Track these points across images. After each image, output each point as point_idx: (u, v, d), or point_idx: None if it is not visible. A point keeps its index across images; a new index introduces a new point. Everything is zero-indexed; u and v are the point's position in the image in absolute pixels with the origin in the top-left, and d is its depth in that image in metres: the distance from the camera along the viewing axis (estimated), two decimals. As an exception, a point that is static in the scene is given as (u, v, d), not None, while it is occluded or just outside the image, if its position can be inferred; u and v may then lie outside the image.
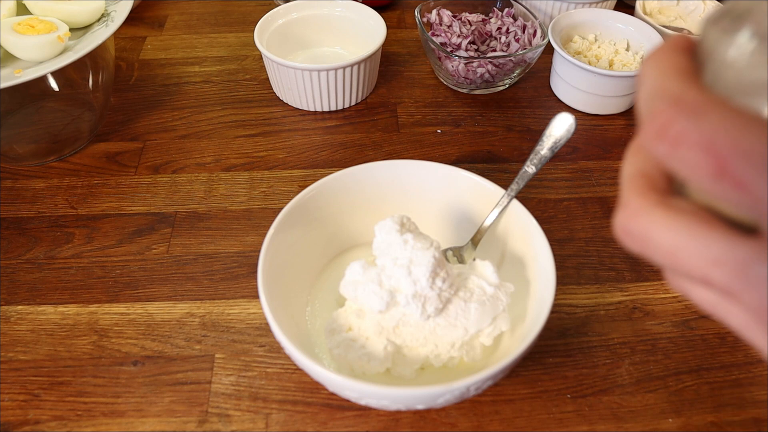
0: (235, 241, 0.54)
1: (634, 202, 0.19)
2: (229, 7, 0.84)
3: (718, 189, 0.16)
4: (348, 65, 0.63)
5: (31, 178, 0.60)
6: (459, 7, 0.74)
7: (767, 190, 0.15)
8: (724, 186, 0.16)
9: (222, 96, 0.70)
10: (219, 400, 0.44)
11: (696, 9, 0.78)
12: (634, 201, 0.19)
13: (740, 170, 0.15)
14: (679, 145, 0.17)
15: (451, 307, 0.40)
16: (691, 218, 0.17)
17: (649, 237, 0.18)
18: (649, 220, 0.18)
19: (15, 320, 0.48)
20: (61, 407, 0.43)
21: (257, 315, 0.49)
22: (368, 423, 0.42)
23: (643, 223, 0.18)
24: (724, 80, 0.18)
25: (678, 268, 0.18)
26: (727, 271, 0.17)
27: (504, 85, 0.70)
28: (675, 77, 0.18)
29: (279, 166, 0.61)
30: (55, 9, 0.55)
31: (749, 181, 0.15)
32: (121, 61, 0.75)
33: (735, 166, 0.15)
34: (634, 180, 0.20)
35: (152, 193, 0.59)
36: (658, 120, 0.17)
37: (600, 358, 0.46)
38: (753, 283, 0.16)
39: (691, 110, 0.17)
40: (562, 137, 0.47)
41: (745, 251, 0.16)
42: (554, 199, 0.58)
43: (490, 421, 0.43)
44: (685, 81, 0.18)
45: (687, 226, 0.17)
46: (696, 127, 0.16)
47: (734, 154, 0.15)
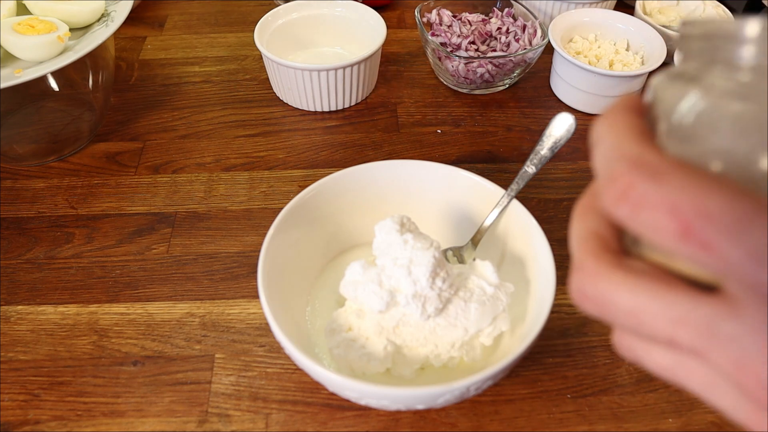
0: (235, 241, 0.54)
1: (590, 264, 0.19)
2: (229, 7, 0.84)
3: (683, 250, 0.16)
4: (348, 65, 0.63)
5: (31, 178, 0.60)
6: (459, 7, 0.74)
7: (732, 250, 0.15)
8: (689, 247, 0.16)
9: (222, 96, 0.70)
10: (219, 400, 0.44)
11: (696, 9, 0.78)
12: (590, 263, 0.19)
13: (705, 232, 0.15)
14: (641, 208, 0.17)
15: (451, 307, 0.40)
16: (651, 279, 0.17)
17: (609, 299, 0.18)
18: (608, 283, 0.18)
19: (15, 320, 0.48)
20: (61, 407, 0.43)
21: (257, 315, 0.49)
22: (368, 423, 0.42)
23: (602, 286, 0.18)
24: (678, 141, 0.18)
25: (640, 329, 0.17)
26: (693, 330, 0.16)
27: (504, 85, 0.70)
28: (632, 139, 0.18)
29: (279, 166, 0.61)
30: (55, 9, 0.55)
31: (714, 243, 0.15)
32: (121, 61, 0.75)
33: (699, 228, 0.16)
34: (587, 241, 0.19)
35: (152, 193, 0.59)
36: (619, 183, 0.17)
37: (600, 358, 0.46)
38: (721, 341, 0.16)
39: (652, 172, 0.17)
40: (562, 137, 0.47)
41: (710, 309, 0.16)
42: (554, 199, 0.58)
43: (490, 421, 0.43)
44: (643, 143, 0.18)
45: (648, 287, 0.17)
46: (658, 190, 0.16)
47: (698, 215, 0.16)
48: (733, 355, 0.16)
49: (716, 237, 0.15)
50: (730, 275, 0.16)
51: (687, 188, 0.16)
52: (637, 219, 0.17)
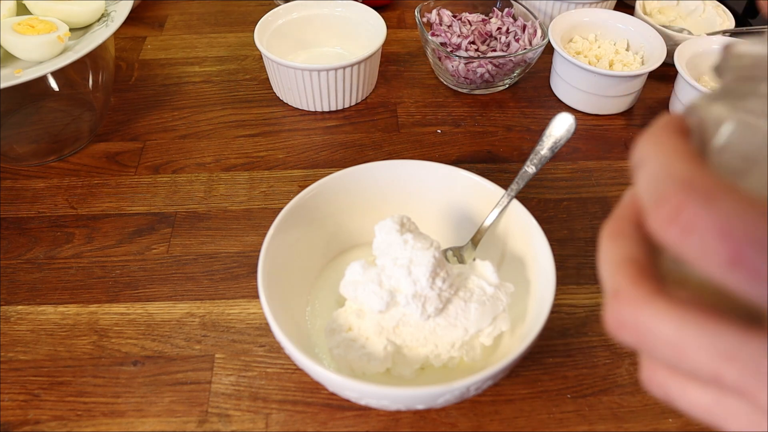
0: (235, 241, 0.54)
1: (629, 291, 0.18)
2: (229, 7, 0.84)
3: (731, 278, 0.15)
4: (348, 65, 0.63)
5: (31, 178, 0.60)
6: (459, 7, 0.74)
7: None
8: (739, 275, 0.15)
9: (222, 96, 0.70)
10: (219, 400, 0.44)
11: (696, 9, 0.78)
12: (629, 290, 0.18)
13: (756, 259, 0.15)
14: (691, 231, 0.16)
15: (451, 307, 0.40)
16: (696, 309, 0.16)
17: (649, 329, 0.17)
18: (649, 311, 0.17)
19: (15, 320, 0.48)
20: (61, 407, 0.43)
21: (257, 315, 0.49)
22: (368, 423, 0.42)
23: (642, 315, 0.17)
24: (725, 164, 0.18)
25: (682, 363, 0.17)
26: (742, 367, 0.16)
27: (504, 85, 0.70)
28: (682, 159, 0.17)
29: (279, 166, 0.61)
30: (55, 9, 0.55)
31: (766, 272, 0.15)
32: (121, 61, 0.75)
33: (751, 255, 0.15)
34: (623, 267, 0.18)
35: (152, 193, 0.59)
36: (669, 204, 0.16)
37: (600, 358, 0.46)
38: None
39: (703, 195, 0.16)
40: (562, 137, 0.47)
41: (761, 346, 0.15)
42: (554, 199, 0.58)
43: (490, 421, 0.43)
44: (693, 164, 0.17)
45: (693, 318, 0.16)
46: (709, 213, 0.15)
47: (750, 242, 0.15)
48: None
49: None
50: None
51: (740, 213, 0.15)
52: (686, 243, 0.16)
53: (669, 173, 0.17)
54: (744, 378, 0.16)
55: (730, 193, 0.16)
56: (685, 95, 0.63)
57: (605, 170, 0.61)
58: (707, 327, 0.16)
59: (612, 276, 0.18)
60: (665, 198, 0.16)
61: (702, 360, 0.16)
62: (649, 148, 0.18)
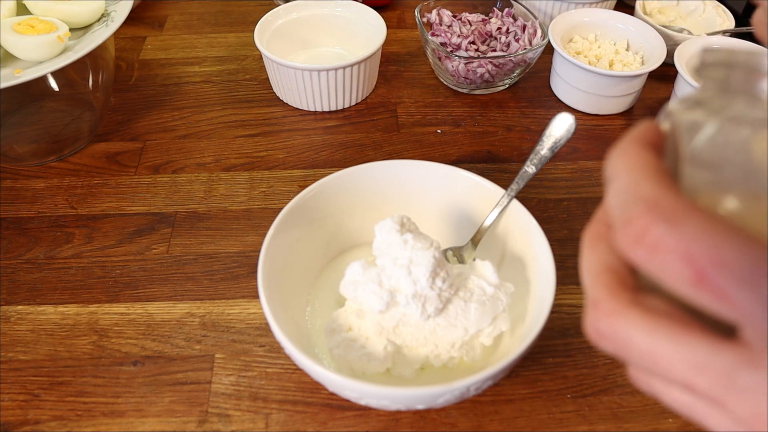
0: (235, 241, 0.54)
1: (607, 302, 0.18)
2: (229, 7, 0.84)
3: (697, 297, 0.16)
4: (348, 65, 0.63)
5: (31, 178, 0.60)
6: (459, 7, 0.74)
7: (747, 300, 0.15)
8: (704, 294, 0.16)
9: (222, 96, 0.70)
10: (219, 400, 0.44)
11: (696, 9, 0.78)
12: (606, 301, 0.18)
13: (719, 281, 0.15)
14: (656, 253, 0.16)
15: (451, 307, 0.40)
16: (670, 321, 0.17)
17: (626, 339, 0.18)
18: (626, 323, 0.18)
19: (15, 320, 0.48)
20: (61, 407, 0.43)
21: (257, 315, 0.49)
22: (368, 423, 0.42)
23: (619, 325, 0.18)
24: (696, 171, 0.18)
25: (657, 372, 0.17)
26: (713, 378, 0.16)
27: (504, 85, 0.70)
28: (649, 178, 0.18)
29: (279, 166, 0.61)
30: (55, 9, 0.55)
31: (729, 292, 0.15)
32: (121, 61, 0.75)
33: (714, 276, 0.15)
34: (601, 276, 0.19)
35: (152, 193, 0.59)
36: (635, 225, 0.17)
37: (600, 358, 0.46)
38: (740, 391, 0.16)
39: (668, 216, 0.16)
40: (562, 137, 0.47)
41: (730, 357, 0.16)
42: (554, 199, 0.58)
43: (490, 421, 0.43)
44: (660, 183, 0.17)
45: (666, 330, 0.17)
46: (673, 235, 0.16)
47: (713, 264, 0.15)
48: (750, 407, 0.16)
49: (731, 286, 0.15)
50: (746, 324, 0.16)
51: (703, 235, 0.16)
52: (652, 263, 0.17)
53: (635, 193, 0.17)
54: (715, 388, 0.16)
55: (693, 215, 0.16)
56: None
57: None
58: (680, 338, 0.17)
59: (592, 285, 0.19)
60: (631, 219, 0.17)
61: (675, 370, 0.17)
62: (619, 163, 0.19)
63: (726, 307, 0.16)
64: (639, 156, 0.19)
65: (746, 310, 0.15)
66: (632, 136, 0.20)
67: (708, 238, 0.16)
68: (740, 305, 0.15)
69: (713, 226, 0.16)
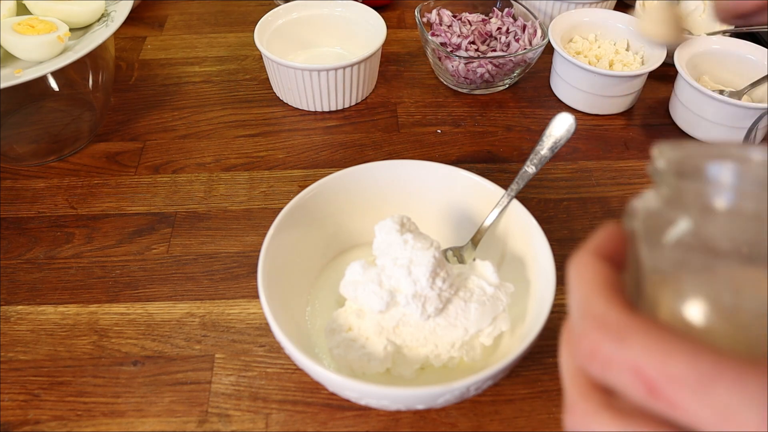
0: (235, 241, 0.54)
1: (580, 405, 0.19)
2: (229, 7, 0.84)
3: (654, 407, 0.17)
4: (348, 65, 0.63)
5: (31, 178, 0.60)
6: (459, 7, 0.74)
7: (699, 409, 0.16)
8: (659, 405, 0.17)
9: (222, 96, 0.70)
10: (219, 400, 0.44)
11: (696, 9, 0.78)
12: (580, 404, 0.19)
13: (670, 392, 0.16)
14: (608, 368, 0.17)
15: (451, 307, 0.40)
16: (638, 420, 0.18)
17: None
18: (600, 424, 0.18)
19: (15, 320, 0.48)
20: (61, 407, 0.43)
21: (257, 315, 0.49)
22: (368, 423, 0.42)
23: (594, 426, 0.19)
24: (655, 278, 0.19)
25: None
26: None
27: (504, 85, 0.70)
28: (598, 294, 0.19)
29: (279, 166, 0.61)
30: (55, 9, 0.55)
31: (680, 403, 0.16)
32: (121, 61, 0.75)
33: (664, 389, 0.16)
34: (575, 379, 0.20)
35: (152, 193, 0.59)
36: (587, 342, 0.18)
37: (600, 358, 0.46)
38: None
39: (615, 334, 0.17)
40: (562, 137, 0.47)
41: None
42: (554, 199, 0.58)
43: (490, 421, 0.43)
44: (608, 300, 0.19)
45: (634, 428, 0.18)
46: (621, 352, 0.17)
47: (661, 377, 0.16)
48: None
49: (682, 397, 0.16)
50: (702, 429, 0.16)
51: (650, 349, 0.17)
52: (607, 377, 0.18)
53: (586, 309, 0.19)
54: None
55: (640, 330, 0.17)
56: (685, 95, 0.63)
57: (605, 170, 0.61)
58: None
59: (569, 387, 0.20)
60: (583, 335, 0.18)
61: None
62: (574, 275, 0.21)
63: (680, 414, 0.16)
64: (592, 269, 0.20)
65: (699, 417, 0.16)
66: (589, 246, 0.21)
67: (655, 352, 0.16)
68: (693, 413, 0.16)
69: (660, 339, 0.17)
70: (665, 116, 0.68)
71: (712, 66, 0.67)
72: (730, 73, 0.67)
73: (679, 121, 0.66)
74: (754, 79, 0.65)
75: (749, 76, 0.66)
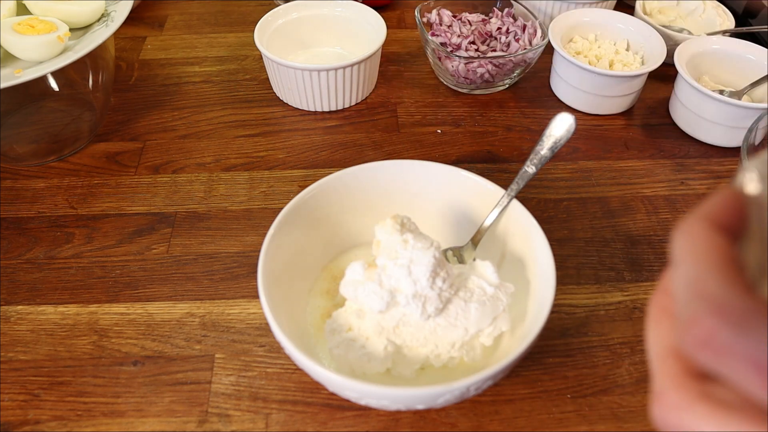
0: (235, 241, 0.54)
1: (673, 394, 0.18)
2: (229, 7, 0.84)
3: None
4: (348, 65, 0.63)
5: (31, 178, 0.60)
6: (459, 7, 0.74)
7: None
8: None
9: (222, 96, 0.70)
10: (219, 400, 0.44)
11: (696, 9, 0.78)
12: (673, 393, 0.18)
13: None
14: (724, 358, 0.16)
15: (452, 307, 0.40)
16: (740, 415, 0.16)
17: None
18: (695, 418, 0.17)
19: (15, 320, 0.48)
20: (61, 407, 0.43)
21: (257, 315, 0.49)
22: (368, 423, 0.42)
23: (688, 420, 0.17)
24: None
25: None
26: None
27: (504, 85, 0.70)
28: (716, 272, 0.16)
29: (279, 166, 0.61)
30: (55, 9, 0.55)
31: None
32: (121, 61, 0.75)
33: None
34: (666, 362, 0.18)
35: (152, 193, 0.59)
36: (700, 327, 0.16)
37: (600, 358, 0.46)
38: None
39: (735, 321, 0.16)
40: (562, 137, 0.47)
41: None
42: (554, 199, 0.58)
43: (490, 421, 0.43)
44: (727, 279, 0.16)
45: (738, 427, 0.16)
46: (742, 342, 0.15)
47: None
48: None
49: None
50: None
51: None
52: (719, 366, 0.16)
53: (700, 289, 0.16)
54: None
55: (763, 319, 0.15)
56: (685, 95, 0.63)
57: (605, 170, 0.61)
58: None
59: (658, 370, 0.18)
60: (696, 320, 0.16)
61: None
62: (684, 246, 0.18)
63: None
64: (708, 242, 0.17)
65: None
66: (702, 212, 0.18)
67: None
68: None
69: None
70: (665, 116, 0.68)
71: (712, 66, 0.67)
72: (730, 73, 0.67)
73: (679, 121, 0.66)
74: (754, 79, 0.65)
75: (749, 76, 0.66)
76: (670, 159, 0.63)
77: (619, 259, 0.53)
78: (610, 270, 0.52)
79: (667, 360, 0.18)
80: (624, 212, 0.57)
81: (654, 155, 0.63)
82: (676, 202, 0.58)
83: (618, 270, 0.52)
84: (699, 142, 0.65)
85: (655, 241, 0.55)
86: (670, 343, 0.19)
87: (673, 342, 0.19)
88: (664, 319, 0.19)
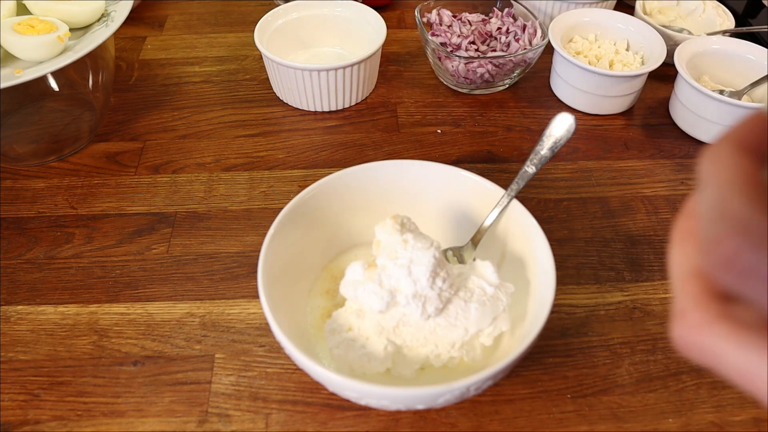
0: (235, 241, 0.54)
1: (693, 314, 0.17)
2: (229, 7, 0.84)
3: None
4: (348, 65, 0.63)
5: (31, 178, 0.60)
6: (459, 7, 0.74)
7: None
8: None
9: (222, 96, 0.70)
10: (219, 400, 0.44)
11: (696, 9, 0.78)
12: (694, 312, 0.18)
13: None
14: (747, 278, 0.16)
15: (452, 307, 0.40)
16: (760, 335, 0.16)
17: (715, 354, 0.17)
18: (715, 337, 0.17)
19: (15, 320, 0.48)
20: (61, 407, 0.43)
21: (257, 315, 0.49)
22: (368, 423, 0.42)
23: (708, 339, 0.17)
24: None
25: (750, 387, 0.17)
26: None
27: (504, 85, 0.70)
28: (741, 194, 0.16)
29: (279, 166, 0.61)
30: (55, 9, 0.55)
31: None
32: (121, 61, 0.75)
33: None
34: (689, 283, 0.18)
35: (152, 193, 0.59)
36: (724, 248, 0.16)
37: (600, 358, 0.46)
38: None
39: (760, 242, 0.15)
40: (562, 137, 0.47)
41: None
42: (554, 199, 0.58)
43: (490, 421, 0.43)
44: (753, 201, 0.16)
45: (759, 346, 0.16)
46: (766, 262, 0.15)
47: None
48: None
49: None
50: None
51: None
52: (744, 287, 0.16)
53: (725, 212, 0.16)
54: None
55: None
56: (685, 95, 0.63)
57: (605, 170, 0.61)
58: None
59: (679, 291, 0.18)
60: (720, 241, 0.16)
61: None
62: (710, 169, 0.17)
63: None
64: (734, 164, 0.17)
65: None
66: (731, 136, 0.18)
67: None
68: None
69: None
70: (665, 116, 0.68)
71: (712, 66, 0.67)
72: (730, 73, 0.67)
73: (679, 121, 0.66)
74: (754, 79, 0.65)
75: (749, 76, 0.66)
76: (670, 159, 0.63)
77: (619, 259, 0.53)
78: (610, 270, 0.52)
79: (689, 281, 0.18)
80: (624, 212, 0.57)
81: (654, 155, 0.63)
82: (676, 202, 0.58)
83: (618, 270, 0.52)
84: (699, 142, 0.65)
85: (655, 241, 0.55)
86: (694, 264, 0.18)
87: (696, 263, 0.18)
88: (688, 241, 0.19)
